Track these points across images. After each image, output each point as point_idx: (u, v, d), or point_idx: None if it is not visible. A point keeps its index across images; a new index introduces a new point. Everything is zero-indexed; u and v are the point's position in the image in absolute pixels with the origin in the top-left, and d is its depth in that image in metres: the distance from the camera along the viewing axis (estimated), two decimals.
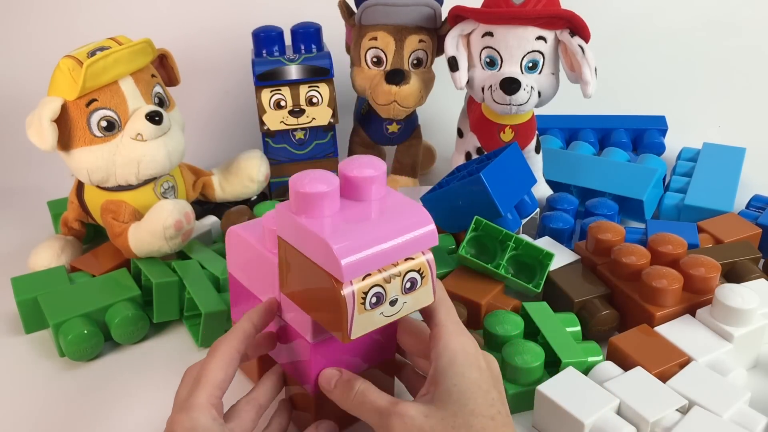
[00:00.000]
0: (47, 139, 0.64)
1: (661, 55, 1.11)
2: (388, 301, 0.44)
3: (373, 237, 0.43)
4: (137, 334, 0.64)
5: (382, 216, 0.45)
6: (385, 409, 0.44)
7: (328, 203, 0.44)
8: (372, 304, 0.43)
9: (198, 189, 0.78)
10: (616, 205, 0.78)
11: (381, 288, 0.43)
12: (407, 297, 0.45)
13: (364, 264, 0.42)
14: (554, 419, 0.51)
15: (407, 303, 0.45)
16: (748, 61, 1.09)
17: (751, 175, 0.87)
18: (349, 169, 0.45)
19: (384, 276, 0.43)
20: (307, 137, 0.84)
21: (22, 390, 0.60)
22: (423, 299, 0.46)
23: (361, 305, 0.43)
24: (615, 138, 0.95)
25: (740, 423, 0.50)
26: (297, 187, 0.43)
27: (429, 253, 0.45)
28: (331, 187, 0.44)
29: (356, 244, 0.42)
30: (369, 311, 0.44)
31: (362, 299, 0.43)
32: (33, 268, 0.72)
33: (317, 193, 0.43)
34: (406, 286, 0.44)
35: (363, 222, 0.44)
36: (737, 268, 0.66)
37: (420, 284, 0.45)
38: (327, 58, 0.80)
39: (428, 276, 0.45)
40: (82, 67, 0.63)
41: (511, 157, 0.68)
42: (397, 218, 0.44)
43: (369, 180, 0.45)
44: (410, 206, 0.46)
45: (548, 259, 0.63)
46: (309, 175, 0.45)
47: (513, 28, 0.70)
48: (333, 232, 0.43)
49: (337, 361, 0.50)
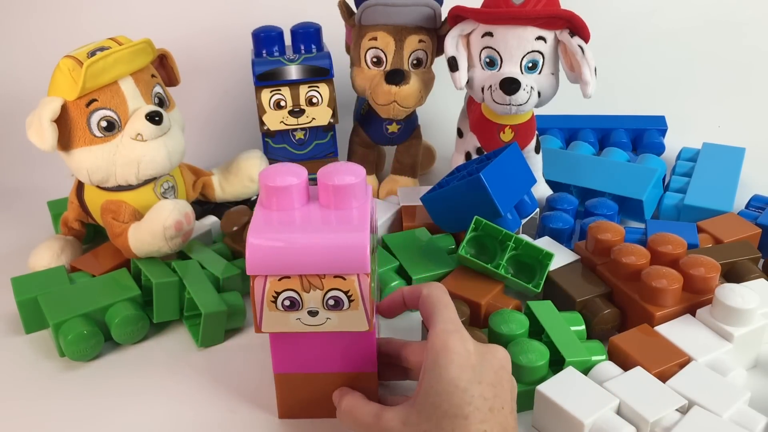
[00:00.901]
0: (47, 140, 0.64)
1: (661, 55, 1.11)
2: (306, 310, 0.44)
3: (295, 242, 0.43)
4: (137, 334, 0.64)
5: (324, 227, 0.44)
6: (373, 424, 0.46)
7: (286, 199, 0.45)
8: (285, 306, 0.44)
9: (198, 189, 0.78)
10: (615, 205, 0.78)
11: (296, 294, 0.44)
12: (332, 314, 0.45)
13: (273, 263, 0.43)
14: (554, 419, 0.51)
15: (332, 320, 0.45)
16: (748, 61, 1.09)
17: (750, 175, 0.87)
18: (329, 176, 0.45)
19: (303, 284, 0.43)
20: (306, 137, 0.84)
21: (22, 390, 0.60)
22: (355, 323, 0.45)
23: (271, 303, 0.44)
24: (615, 138, 0.95)
25: (740, 423, 0.50)
26: (265, 180, 0.45)
27: (366, 281, 0.44)
28: (290, 182, 0.45)
29: (271, 242, 0.42)
30: (281, 312, 0.44)
31: (273, 298, 0.44)
32: (33, 268, 0.72)
33: (274, 186, 0.44)
34: (329, 302, 0.44)
35: (301, 225, 0.44)
36: (737, 268, 0.66)
37: (347, 306, 0.44)
38: (327, 58, 0.80)
39: (358, 302, 0.44)
40: (82, 68, 0.63)
41: (510, 157, 0.68)
42: (336, 233, 0.44)
43: (342, 189, 0.45)
44: (359, 227, 0.44)
45: (548, 259, 0.63)
46: (279, 169, 0.46)
47: (513, 28, 0.70)
48: (261, 225, 0.44)
49: (296, 354, 0.50)
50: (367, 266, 0.43)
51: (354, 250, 0.43)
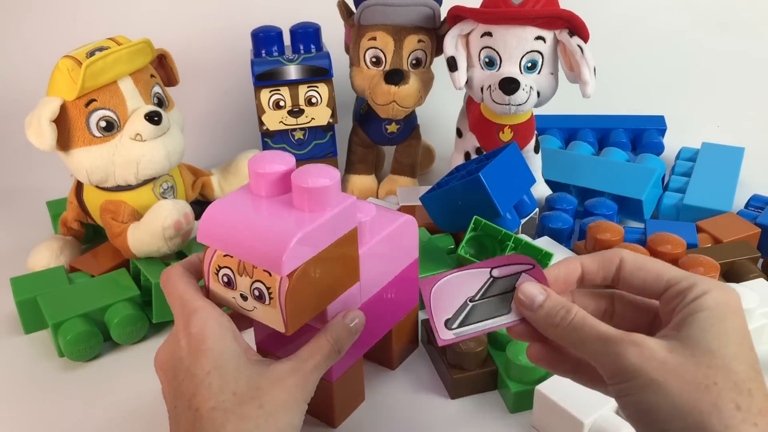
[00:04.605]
0: (46, 140, 0.64)
1: (660, 55, 1.11)
2: (239, 293, 0.45)
3: (238, 225, 0.44)
4: (136, 334, 0.64)
5: (269, 219, 0.44)
6: (614, 336, 0.37)
7: (257, 185, 0.46)
8: (224, 282, 0.45)
9: (197, 189, 0.78)
10: (615, 204, 0.78)
11: (231, 273, 0.45)
12: (257, 304, 0.45)
13: (215, 237, 0.45)
14: (553, 419, 0.51)
15: (257, 309, 0.45)
16: (747, 61, 1.09)
17: (749, 175, 0.87)
18: (303, 179, 0.44)
19: (238, 266, 0.44)
20: (306, 137, 0.84)
21: (22, 390, 0.60)
22: (273, 320, 0.44)
23: (214, 274, 0.45)
24: (614, 138, 0.95)
25: None
26: (254, 167, 0.46)
27: (285, 284, 0.43)
28: (268, 169, 0.45)
29: (219, 222, 0.44)
30: (222, 286, 0.46)
31: (216, 270, 0.45)
32: (32, 269, 0.72)
33: (257, 173, 0.45)
34: (254, 292, 0.44)
35: (252, 213, 0.45)
36: (736, 267, 0.66)
37: (268, 302, 0.44)
38: (326, 58, 0.80)
39: (276, 300, 0.43)
40: (81, 68, 0.63)
41: (510, 157, 0.68)
42: (269, 229, 0.43)
43: (311, 190, 0.44)
44: (293, 231, 0.42)
45: (547, 259, 0.63)
46: (266, 156, 0.46)
47: (512, 28, 0.70)
48: (225, 202, 0.46)
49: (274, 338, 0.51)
50: (282, 269, 0.42)
51: (274, 252, 0.42)
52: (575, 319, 0.39)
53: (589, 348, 0.38)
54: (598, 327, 0.38)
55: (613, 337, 0.37)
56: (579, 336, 0.38)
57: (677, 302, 0.38)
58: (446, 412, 0.56)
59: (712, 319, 0.36)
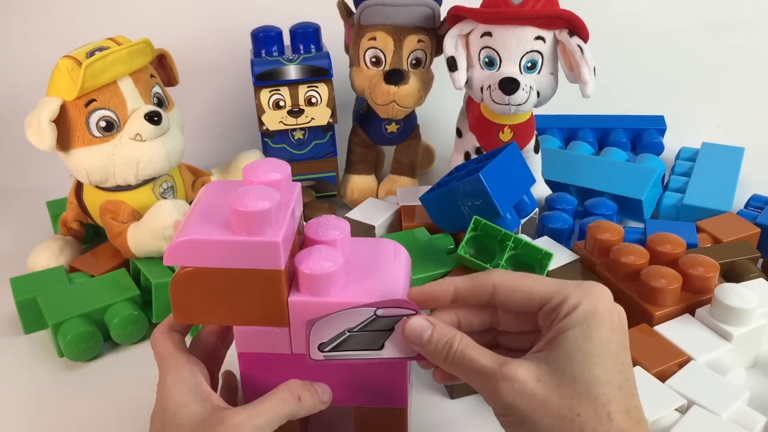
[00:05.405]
0: (46, 140, 0.64)
1: (660, 55, 1.11)
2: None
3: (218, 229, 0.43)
4: (136, 334, 0.64)
5: (213, 213, 0.44)
6: (489, 370, 0.39)
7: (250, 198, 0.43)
8: None
9: (197, 189, 0.78)
10: (615, 204, 0.78)
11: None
12: None
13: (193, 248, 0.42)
14: None
15: None
16: (747, 61, 1.09)
17: (749, 175, 0.87)
18: (241, 199, 0.42)
19: None
20: (306, 137, 0.84)
21: (22, 390, 0.60)
22: None
23: None
24: (614, 138, 0.95)
25: (739, 422, 0.50)
26: (248, 174, 0.45)
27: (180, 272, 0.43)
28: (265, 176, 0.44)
29: (201, 231, 0.42)
30: None
31: None
32: (32, 269, 0.72)
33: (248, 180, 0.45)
34: None
35: (218, 201, 0.45)
36: (736, 267, 0.66)
37: None
38: (326, 58, 0.80)
39: None
40: (81, 68, 0.63)
41: (509, 157, 0.68)
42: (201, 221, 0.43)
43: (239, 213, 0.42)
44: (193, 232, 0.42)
45: (547, 259, 0.63)
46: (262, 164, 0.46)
47: (512, 28, 0.70)
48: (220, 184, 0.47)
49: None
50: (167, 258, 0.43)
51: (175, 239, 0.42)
52: (456, 353, 0.40)
53: (472, 382, 0.40)
54: (476, 361, 0.40)
55: (489, 373, 0.39)
56: (462, 370, 0.40)
57: (552, 318, 0.40)
58: (446, 412, 0.56)
59: (580, 340, 0.37)
